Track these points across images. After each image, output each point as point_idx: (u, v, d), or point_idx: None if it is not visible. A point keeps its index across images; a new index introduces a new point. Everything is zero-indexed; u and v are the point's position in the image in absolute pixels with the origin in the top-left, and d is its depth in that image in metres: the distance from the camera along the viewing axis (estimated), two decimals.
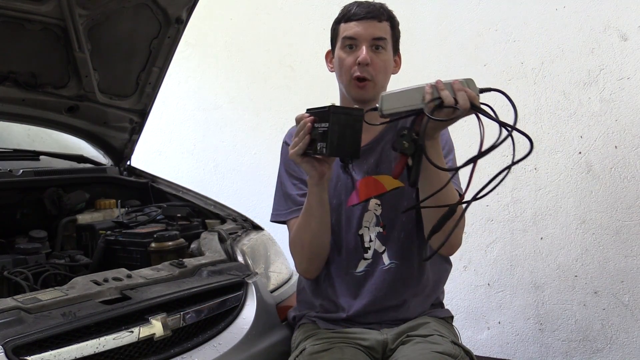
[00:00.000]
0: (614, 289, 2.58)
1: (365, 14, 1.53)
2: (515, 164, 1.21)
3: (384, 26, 1.55)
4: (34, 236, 1.86)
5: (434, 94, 1.27)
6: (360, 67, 1.52)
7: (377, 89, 1.54)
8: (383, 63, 1.55)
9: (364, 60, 1.51)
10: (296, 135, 1.36)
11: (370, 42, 1.53)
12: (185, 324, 1.45)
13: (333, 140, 1.27)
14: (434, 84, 1.28)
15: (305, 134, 1.34)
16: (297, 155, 1.37)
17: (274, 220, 1.67)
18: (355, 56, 1.53)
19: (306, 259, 1.59)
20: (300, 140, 1.35)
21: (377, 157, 1.59)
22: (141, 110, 2.32)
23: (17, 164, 2.12)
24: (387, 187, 1.57)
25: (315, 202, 1.48)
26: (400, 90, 1.29)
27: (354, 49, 1.54)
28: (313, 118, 1.34)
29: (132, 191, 2.36)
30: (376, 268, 1.58)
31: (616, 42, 2.53)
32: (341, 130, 1.28)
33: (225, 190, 3.56)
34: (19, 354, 1.15)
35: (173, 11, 2.05)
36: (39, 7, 1.79)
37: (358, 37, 1.53)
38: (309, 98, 3.22)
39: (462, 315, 2.84)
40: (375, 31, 1.53)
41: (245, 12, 3.46)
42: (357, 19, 1.53)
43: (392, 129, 1.61)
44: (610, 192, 2.57)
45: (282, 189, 1.66)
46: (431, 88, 1.28)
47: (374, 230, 1.58)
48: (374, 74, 1.53)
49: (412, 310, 1.59)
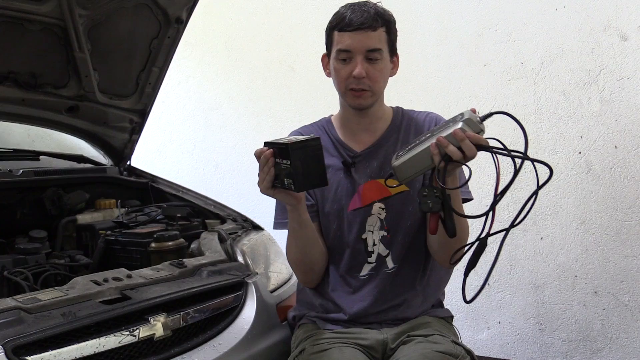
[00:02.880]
0: (614, 289, 2.58)
1: (359, 25, 1.47)
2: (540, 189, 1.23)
3: (379, 34, 1.50)
4: (34, 236, 1.86)
5: (441, 152, 1.25)
6: (356, 80, 1.50)
7: (376, 97, 1.55)
8: (380, 72, 1.52)
9: (359, 75, 1.49)
10: (260, 170, 1.39)
11: (365, 54, 1.49)
12: (185, 324, 1.45)
13: (299, 178, 1.30)
14: (437, 143, 1.25)
15: (268, 168, 1.37)
16: (267, 189, 1.40)
17: (276, 228, 1.68)
18: (350, 69, 1.50)
19: (301, 272, 1.63)
20: (265, 174, 1.38)
21: (380, 161, 1.58)
22: (141, 110, 2.32)
23: (17, 164, 2.12)
24: (391, 191, 1.57)
25: (296, 224, 1.51)
26: (409, 157, 1.29)
27: (347, 62, 1.51)
28: (273, 152, 1.35)
29: (132, 191, 2.36)
30: (380, 271, 1.58)
31: (616, 42, 2.53)
32: (304, 165, 1.30)
33: (225, 190, 3.56)
34: (19, 354, 1.15)
35: (173, 11, 2.04)
36: (39, 7, 1.79)
37: (352, 49, 1.49)
38: (309, 98, 3.22)
39: (462, 315, 2.84)
40: (369, 42, 1.49)
41: (245, 12, 3.46)
42: (350, 30, 1.48)
43: (394, 132, 1.61)
44: (610, 192, 2.57)
45: None
46: (436, 148, 1.26)
47: (378, 234, 1.58)
48: (370, 84, 1.51)
49: (412, 310, 1.59)
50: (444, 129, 1.27)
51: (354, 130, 1.62)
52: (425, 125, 1.61)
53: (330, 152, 1.61)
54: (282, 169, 1.33)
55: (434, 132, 1.30)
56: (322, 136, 1.62)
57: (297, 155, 1.29)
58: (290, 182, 1.32)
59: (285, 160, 1.31)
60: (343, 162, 1.59)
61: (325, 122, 1.68)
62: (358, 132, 1.61)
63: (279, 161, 1.34)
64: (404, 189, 1.56)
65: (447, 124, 1.29)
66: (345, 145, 1.62)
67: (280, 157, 1.34)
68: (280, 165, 1.33)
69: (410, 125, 1.62)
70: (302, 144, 1.31)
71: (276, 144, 1.36)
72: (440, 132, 1.27)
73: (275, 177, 1.38)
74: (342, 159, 1.60)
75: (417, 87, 2.88)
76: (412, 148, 1.30)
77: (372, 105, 1.56)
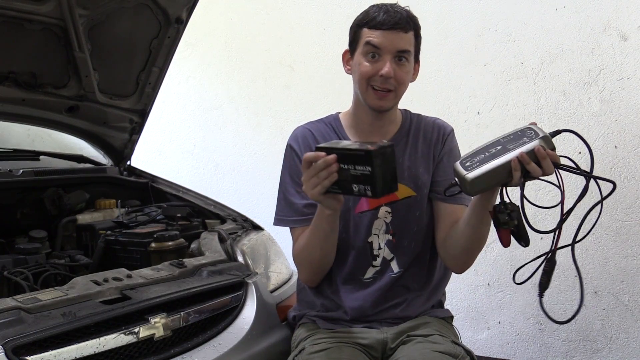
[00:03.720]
0: (614, 289, 2.58)
1: (393, 25, 1.46)
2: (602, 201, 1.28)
3: (409, 37, 1.50)
4: (34, 236, 1.86)
5: (523, 169, 1.25)
6: (383, 79, 1.48)
7: (397, 99, 1.54)
8: (406, 75, 1.51)
9: (388, 74, 1.47)
10: (313, 175, 1.30)
11: (395, 54, 1.48)
12: (185, 324, 1.45)
13: (378, 183, 1.26)
14: (519, 158, 1.24)
15: (328, 173, 1.29)
16: (319, 194, 1.32)
17: (277, 224, 1.64)
18: (377, 67, 1.48)
19: (312, 273, 1.59)
20: (322, 179, 1.29)
21: None
22: (141, 110, 2.32)
23: (17, 164, 2.12)
24: (398, 195, 1.56)
25: (329, 229, 1.46)
26: (485, 170, 1.26)
27: (376, 59, 1.48)
28: (335, 157, 1.30)
29: (132, 191, 2.36)
30: (384, 275, 1.58)
31: (616, 42, 2.53)
32: (383, 171, 1.27)
33: (225, 190, 3.56)
34: (19, 354, 1.15)
35: (173, 11, 2.05)
36: (39, 7, 1.79)
37: (383, 47, 1.47)
38: (309, 98, 3.22)
39: (462, 315, 2.84)
40: (400, 44, 1.48)
41: (245, 12, 3.46)
42: (384, 29, 1.47)
43: (404, 136, 1.60)
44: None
45: (285, 194, 1.62)
46: (518, 164, 1.24)
47: (384, 238, 1.57)
48: (396, 86, 1.50)
49: (413, 309, 1.59)
50: (518, 144, 1.26)
51: (364, 131, 1.60)
52: (434, 132, 1.61)
53: None
54: (352, 174, 1.29)
55: (505, 145, 1.27)
56: (329, 134, 1.62)
57: (379, 161, 1.26)
58: (366, 188, 1.28)
59: (359, 166, 1.27)
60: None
61: (333, 120, 1.65)
62: (368, 134, 1.59)
63: (345, 167, 1.30)
64: (411, 193, 1.56)
65: (516, 138, 1.28)
66: None
67: (349, 163, 1.29)
68: (349, 171, 1.29)
69: (419, 130, 1.62)
70: (382, 150, 1.28)
71: (338, 149, 1.31)
72: (515, 146, 1.26)
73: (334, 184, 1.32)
74: None
75: (417, 87, 2.85)
76: (485, 161, 1.26)
77: (391, 108, 1.55)
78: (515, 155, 1.23)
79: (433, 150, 1.60)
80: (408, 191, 1.56)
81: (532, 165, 1.23)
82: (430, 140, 1.61)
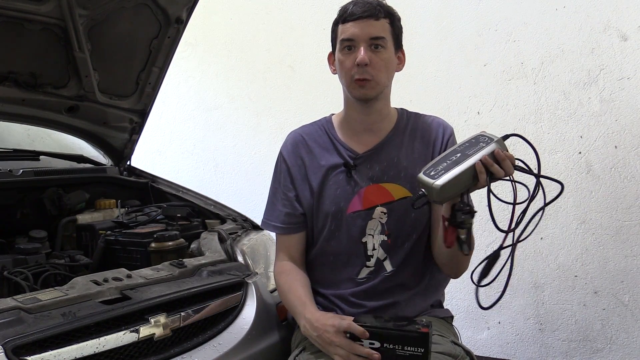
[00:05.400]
0: (614, 289, 2.58)
1: (361, 13, 1.48)
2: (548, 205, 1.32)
3: (382, 24, 1.50)
4: (34, 236, 1.86)
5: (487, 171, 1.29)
6: (360, 68, 1.48)
7: (380, 88, 1.52)
8: (383, 62, 1.50)
9: (362, 61, 1.47)
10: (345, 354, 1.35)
11: (369, 42, 1.48)
12: (185, 324, 1.45)
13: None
14: (483, 161, 1.28)
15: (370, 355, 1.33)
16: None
17: (262, 227, 1.70)
18: (354, 57, 1.48)
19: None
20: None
21: (383, 165, 1.56)
22: (141, 110, 2.32)
23: (17, 164, 2.12)
24: (394, 195, 1.55)
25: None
26: (452, 176, 1.29)
27: (352, 50, 1.49)
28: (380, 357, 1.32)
29: (132, 191, 2.36)
30: (378, 275, 1.57)
31: (616, 42, 2.53)
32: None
33: (225, 190, 3.56)
34: (19, 354, 1.15)
35: (173, 11, 2.04)
36: (39, 7, 1.79)
37: (355, 37, 1.48)
38: (309, 98, 3.22)
39: (462, 315, 2.84)
40: (372, 30, 1.48)
41: (245, 12, 3.46)
42: (353, 19, 1.49)
43: (399, 134, 1.59)
44: (610, 192, 2.57)
45: (272, 199, 1.67)
46: (482, 167, 1.28)
47: (378, 239, 1.57)
48: (374, 74, 1.49)
49: (411, 308, 1.58)
50: (476, 149, 1.30)
51: (356, 130, 1.60)
52: (433, 131, 1.60)
53: (330, 152, 1.60)
54: (398, 354, 1.33)
55: (465, 152, 1.30)
56: (321, 136, 1.62)
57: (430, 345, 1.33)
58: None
59: (409, 347, 1.32)
60: (344, 164, 1.57)
61: (325, 122, 1.66)
62: (361, 133, 1.59)
63: (390, 347, 1.33)
64: (407, 194, 1.55)
65: (472, 145, 1.32)
66: (346, 146, 1.59)
67: (397, 344, 1.33)
68: (394, 350, 1.33)
69: (416, 129, 1.60)
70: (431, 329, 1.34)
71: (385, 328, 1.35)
72: (474, 151, 1.29)
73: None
74: (343, 160, 1.58)
75: (417, 87, 2.88)
76: (449, 168, 1.29)
77: (376, 98, 1.54)
78: (478, 158, 1.28)
79: (432, 149, 1.58)
80: (404, 192, 1.55)
81: (495, 166, 1.28)
82: (428, 139, 1.59)
